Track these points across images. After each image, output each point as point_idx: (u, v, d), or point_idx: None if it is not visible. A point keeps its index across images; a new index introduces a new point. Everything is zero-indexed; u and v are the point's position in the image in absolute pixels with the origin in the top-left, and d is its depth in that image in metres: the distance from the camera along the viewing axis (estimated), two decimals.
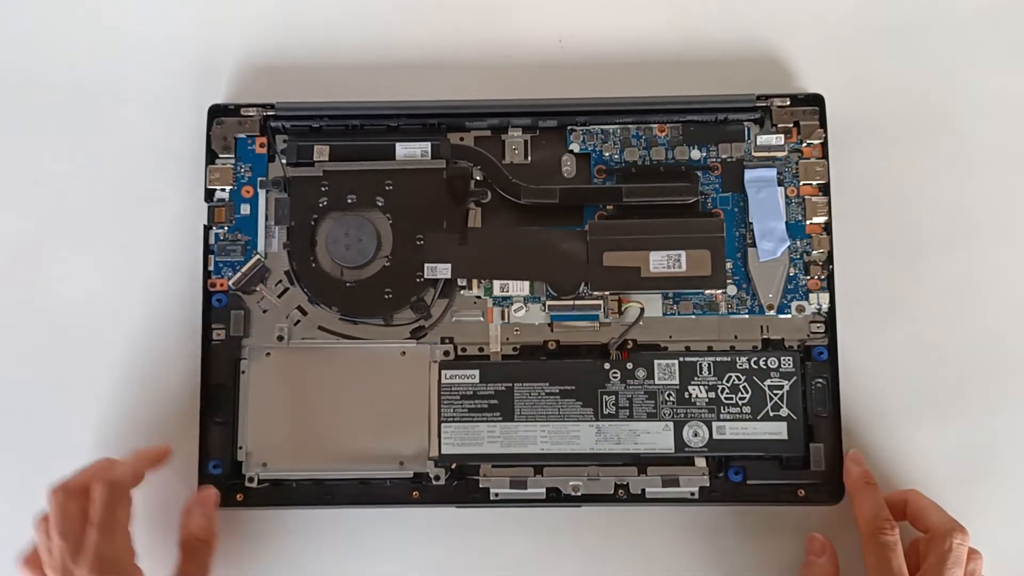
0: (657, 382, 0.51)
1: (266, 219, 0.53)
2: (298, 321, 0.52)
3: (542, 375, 0.51)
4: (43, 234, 0.55)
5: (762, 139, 0.53)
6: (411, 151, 0.53)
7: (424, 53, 0.56)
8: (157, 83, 0.56)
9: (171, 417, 0.53)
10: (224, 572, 0.53)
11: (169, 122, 0.56)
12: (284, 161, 0.53)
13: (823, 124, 0.53)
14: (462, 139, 0.54)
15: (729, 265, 0.52)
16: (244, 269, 0.52)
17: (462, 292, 0.53)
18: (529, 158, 0.54)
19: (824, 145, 0.53)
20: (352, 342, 0.52)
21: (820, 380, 0.52)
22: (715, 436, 0.50)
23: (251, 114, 0.54)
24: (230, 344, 0.52)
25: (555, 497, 0.51)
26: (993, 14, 0.56)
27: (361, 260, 0.52)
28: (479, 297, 0.53)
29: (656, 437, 0.51)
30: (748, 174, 0.53)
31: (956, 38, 0.56)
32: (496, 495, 0.51)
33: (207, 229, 0.53)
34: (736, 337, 0.52)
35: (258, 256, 0.53)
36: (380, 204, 0.52)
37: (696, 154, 0.54)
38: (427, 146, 0.53)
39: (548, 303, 0.52)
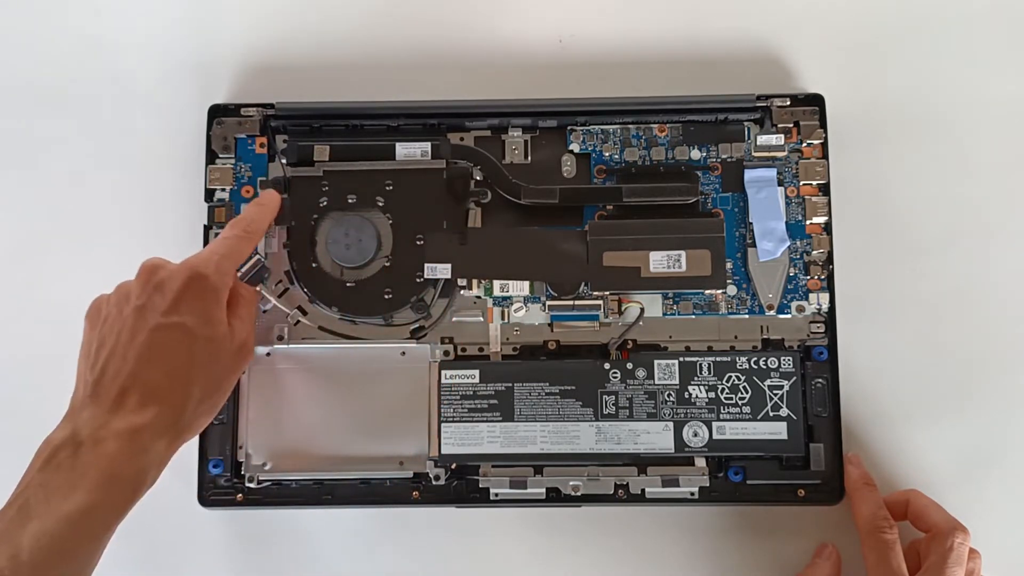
0: (657, 382, 0.51)
1: None
2: (298, 321, 0.52)
3: (542, 375, 0.51)
4: (43, 234, 0.55)
5: (762, 139, 0.53)
6: (411, 151, 0.53)
7: (424, 53, 0.56)
8: (157, 83, 0.56)
9: None
10: (224, 572, 0.53)
11: (169, 122, 0.56)
12: (284, 161, 0.53)
13: (823, 124, 0.53)
14: (462, 139, 0.54)
15: (729, 265, 0.52)
16: (244, 269, 0.52)
17: (462, 292, 0.53)
18: (529, 158, 0.54)
19: (824, 145, 0.53)
20: (352, 342, 0.52)
21: (820, 380, 0.52)
22: (715, 436, 0.50)
23: (251, 114, 0.54)
24: None
25: (555, 497, 0.51)
26: (993, 15, 0.56)
27: (361, 260, 0.52)
28: (479, 297, 0.53)
29: (656, 437, 0.51)
30: (748, 174, 0.53)
31: (956, 38, 0.56)
32: (496, 495, 0.51)
33: (207, 229, 0.53)
34: (736, 337, 0.52)
35: (258, 256, 0.53)
36: (380, 204, 0.52)
37: (696, 154, 0.54)
38: (427, 146, 0.53)
39: (548, 303, 0.52)
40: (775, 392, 0.51)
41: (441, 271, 0.52)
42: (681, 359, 0.51)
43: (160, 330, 0.42)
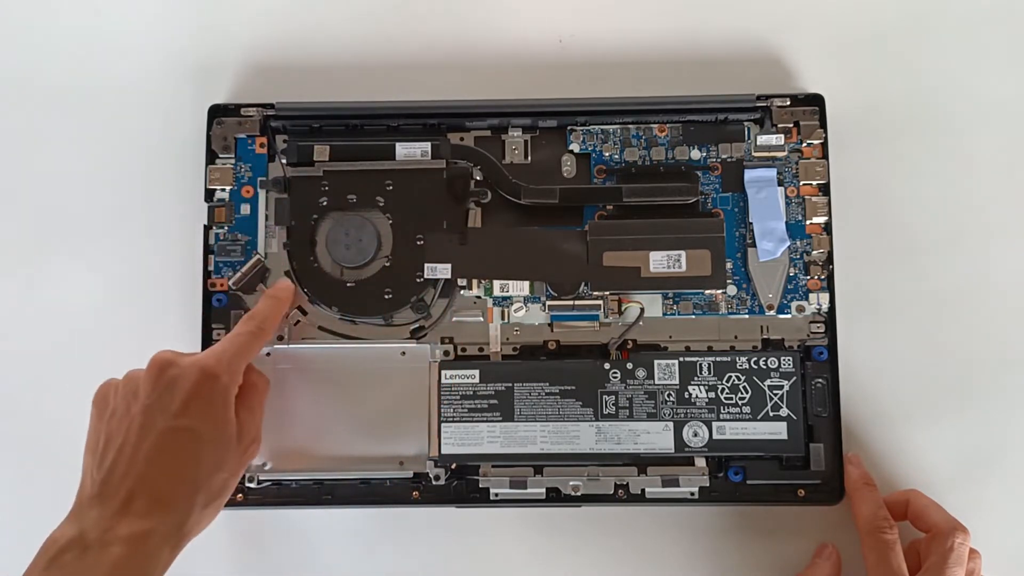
0: (657, 382, 0.51)
1: (266, 219, 0.53)
2: (298, 321, 0.52)
3: (542, 375, 0.51)
4: (43, 234, 0.55)
5: (762, 139, 0.53)
6: (411, 151, 0.53)
7: (424, 53, 0.56)
8: (157, 83, 0.56)
9: None
10: (225, 572, 0.53)
11: (169, 122, 0.56)
12: (284, 161, 0.53)
13: (823, 124, 0.53)
14: (462, 139, 0.54)
15: (729, 265, 0.52)
16: (244, 269, 0.52)
17: (462, 292, 0.53)
18: (529, 158, 0.54)
19: (824, 145, 0.53)
20: (352, 342, 0.52)
21: (820, 380, 0.52)
22: (715, 436, 0.50)
23: (251, 114, 0.54)
24: None
25: (555, 497, 0.51)
26: (993, 15, 0.56)
27: (361, 260, 0.52)
28: (479, 297, 0.53)
29: (656, 437, 0.51)
30: (748, 174, 0.53)
31: (956, 38, 0.56)
32: (496, 495, 0.51)
33: (207, 229, 0.53)
34: (736, 337, 0.52)
35: (258, 256, 0.53)
36: (380, 204, 0.52)
37: (696, 154, 0.54)
38: (427, 146, 0.53)
39: (548, 303, 0.52)
40: (775, 392, 0.51)
41: (441, 271, 0.52)
42: (681, 359, 0.51)
43: (169, 433, 0.42)
